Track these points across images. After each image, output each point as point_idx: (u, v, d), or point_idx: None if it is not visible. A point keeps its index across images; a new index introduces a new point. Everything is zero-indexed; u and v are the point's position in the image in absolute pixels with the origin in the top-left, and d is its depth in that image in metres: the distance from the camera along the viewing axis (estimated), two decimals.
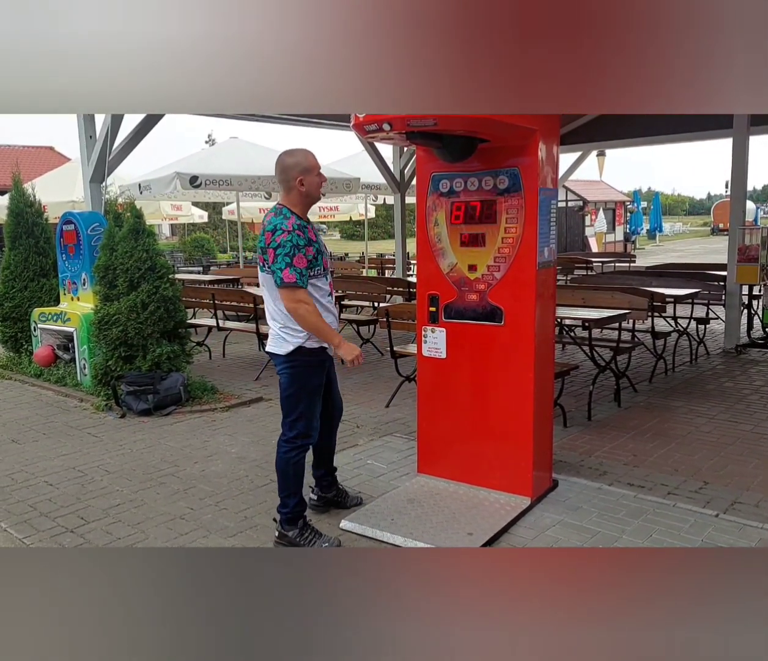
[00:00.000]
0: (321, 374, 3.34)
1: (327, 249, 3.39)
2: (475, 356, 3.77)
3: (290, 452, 3.29)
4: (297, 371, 3.25)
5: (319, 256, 3.19)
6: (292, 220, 3.11)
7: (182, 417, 5.67)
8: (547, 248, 3.63)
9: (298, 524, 3.33)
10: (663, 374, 6.78)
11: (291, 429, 3.30)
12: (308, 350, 3.23)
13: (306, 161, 3.18)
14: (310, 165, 3.18)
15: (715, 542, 3.33)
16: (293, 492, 3.32)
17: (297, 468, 3.31)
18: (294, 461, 3.30)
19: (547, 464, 3.94)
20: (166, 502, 3.98)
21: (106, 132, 6.84)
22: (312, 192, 3.21)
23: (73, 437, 5.21)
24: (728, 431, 4.98)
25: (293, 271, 3.05)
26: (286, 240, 3.04)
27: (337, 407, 3.67)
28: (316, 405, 3.34)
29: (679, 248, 31.34)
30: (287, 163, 3.18)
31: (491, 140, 3.44)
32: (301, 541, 3.31)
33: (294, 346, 3.20)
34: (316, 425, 3.36)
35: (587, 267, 12.79)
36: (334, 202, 16.49)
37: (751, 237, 7.75)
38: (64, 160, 22.29)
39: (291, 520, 3.34)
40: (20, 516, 3.83)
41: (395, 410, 5.72)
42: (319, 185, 3.24)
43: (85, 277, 6.71)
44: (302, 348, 3.21)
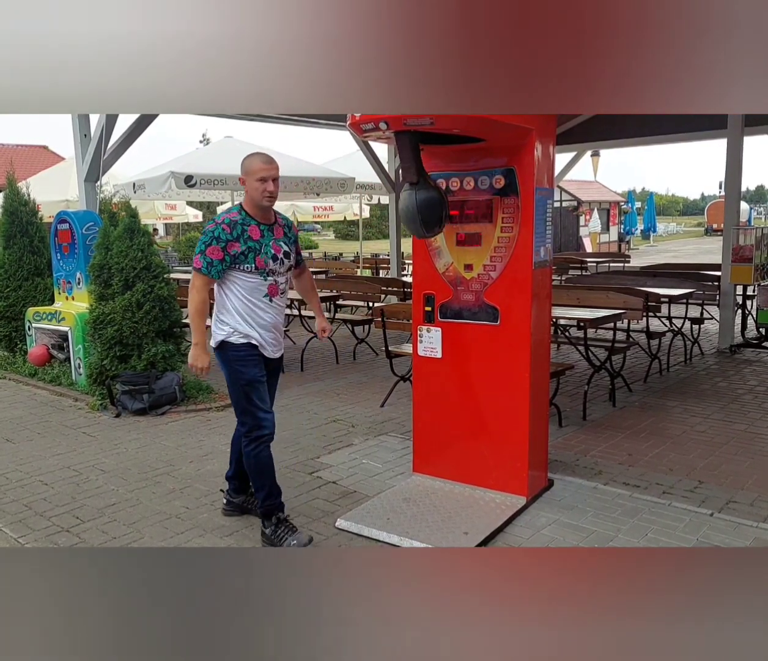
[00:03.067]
0: (253, 367, 3.27)
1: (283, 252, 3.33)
2: (471, 355, 3.78)
3: (248, 447, 3.31)
4: (228, 365, 3.29)
5: (250, 254, 3.18)
6: (231, 215, 3.22)
7: (177, 417, 5.66)
8: (543, 248, 3.64)
9: (272, 520, 3.34)
10: (658, 374, 6.81)
11: (242, 424, 3.34)
12: (233, 345, 3.25)
13: (250, 165, 3.21)
14: (252, 169, 3.19)
15: (710, 540, 3.34)
16: (259, 486, 3.34)
17: (258, 462, 3.30)
18: (253, 455, 3.29)
19: (543, 463, 3.95)
20: (162, 501, 3.97)
21: (101, 131, 6.82)
22: (252, 194, 3.22)
23: (68, 437, 5.19)
24: (723, 430, 5.00)
25: (202, 258, 3.18)
26: (210, 230, 3.19)
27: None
28: (255, 397, 3.28)
29: (673, 248, 31.44)
30: (241, 163, 3.28)
31: (487, 140, 3.45)
32: (273, 538, 3.32)
33: (220, 338, 3.27)
34: (264, 416, 3.30)
35: (582, 267, 12.82)
36: (329, 202, 16.47)
37: (745, 237, 7.78)
38: (59, 159, 22.20)
39: (264, 514, 3.37)
40: (15, 515, 3.81)
41: (390, 409, 5.73)
42: (261, 192, 3.18)
43: (80, 277, 6.69)
44: (225, 343, 3.26)
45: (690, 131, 8.81)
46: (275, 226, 3.35)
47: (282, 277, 3.36)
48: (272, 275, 3.28)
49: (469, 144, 3.49)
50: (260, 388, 3.31)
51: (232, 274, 3.24)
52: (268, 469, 3.35)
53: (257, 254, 3.22)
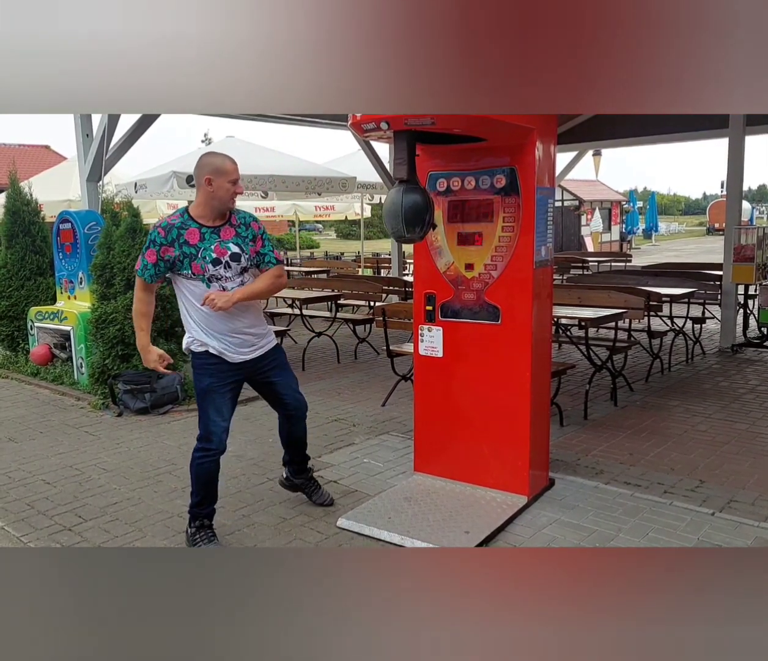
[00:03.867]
0: (209, 376, 3.20)
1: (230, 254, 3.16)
2: (472, 354, 3.78)
3: (195, 452, 3.27)
4: (193, 371, 3.28)
5: (186, 259, 3.09)
6: (170, 218, 3.16)
7: (179, 416, 5.67)
8: (544, 247, 3.64)
9: (196, 523, 3.32)
10: (659, 374, 6.80)
11: (199, 429, 3.29)
12: (193, 353, 3.24)
13: (222, 165, 3.13)
14: (225, 169, 3.12)
15: (711, 540, 3.34)
16: (194, 491, 3.30)
17: (200, 471, 3.26)
18: (197, 463, 3.25)
19: (544, 462, 3.95)
20: (164, 500, 3.98)
21: (103, 131, 6.82)
22: (221, 195, 3.12)
23: (70, 436, 5.20)
24: (724, 429, 5.00)
25: (141, 260, 3.16)
26: (150, 233, 3.16)
27: (290, 407, 3.51)
28: (210, 407, 3.20)
29: (675, 248, 31.41)
30: (201, 161, 3.20)
31: (488, 139, 3.45)
32: (190, 539, 3.32)
33: (184, 346, 3.27)
34: (214, 429, 3.20)
35: (583, 266, 12.81)
36: (330, 201, 16.46)
37: (746, 237, 7.77)
38: (61, 158, 22.23)
39: (191, 515, 3.35)
40: (18, 514, 3.83)
41: (391, 408, 5.73)
42: (230, 193, 3.12)
43: (82, 276, 6.70)
44: (189, 350, 3.25)
45: (692, 130, 8.79)
46: (224, 226, 3.18)
47: (232, 282, 3.15)
48: (216, 281, 3.12)
49: (470, 144, 3.49)
50: (216, 398, 3.21)
51: (179, 281, 3.19)
52: (207, 480, 3.28)
53: (193, 260, 3.10)
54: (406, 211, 3.18)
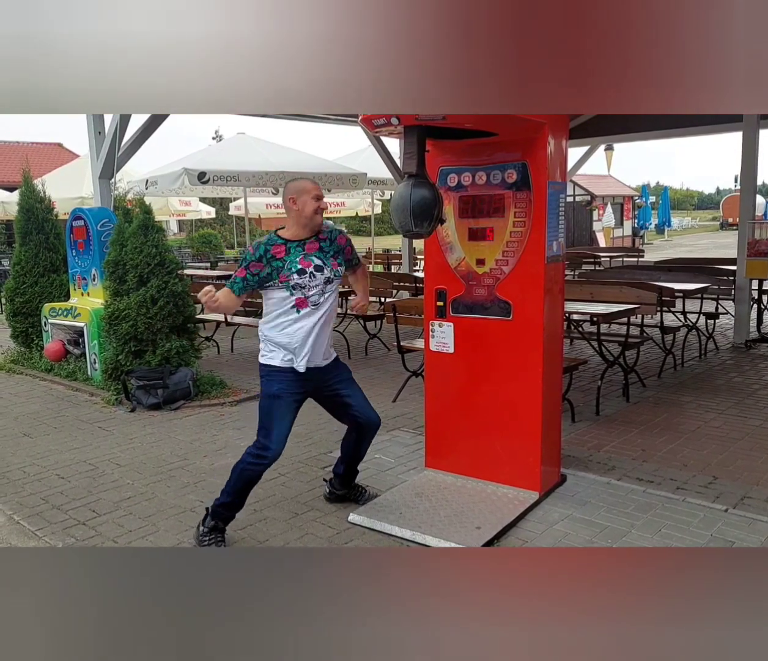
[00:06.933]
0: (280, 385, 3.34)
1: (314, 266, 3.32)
2: (483, 350, 3.78)
3: (248, 456, 3.33)
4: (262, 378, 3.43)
5: (274, 272, 3.28)
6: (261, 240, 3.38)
7: (191, 411, 5.70)
8: (555, 242, 3.63)
9: (212, 522, 3.34)
10: (672, 369, 6.76)
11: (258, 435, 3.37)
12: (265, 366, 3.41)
13: (302, 184, 3.35)
14: (306, 187, 3.32)
15: (724, 536, 3.32)
16: (229, 491, 3.34)
17: (244, 473, 3.32)
18: (247, 466, 3.31)
19: (556, 458, 3.94)
20: (177, 495, 4.01)
21: (115, 128, 6.86)
22: (306, 211, 3.29)
23: (84, 431, 5.25)
24: (737, 426, 4.96)
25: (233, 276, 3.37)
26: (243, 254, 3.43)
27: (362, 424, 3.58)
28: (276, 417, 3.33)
29: (688, 243, 31.17)
30: (285, 189, 3.42)
31: (500, 134, 3.44)
32: (200, 537, 3.35)
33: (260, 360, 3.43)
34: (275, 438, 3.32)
35: (595, 262, 12.75)
36: (341, 197, 16.47)
37: (760, 231, 7.70)
38: (73, 156, 22.38)
39: (212, 513, 3.36)
40: (33, 509, 3.87)
41: (402, 404, 5.73)
42: (314, 207, 3.29)
43: (95, 273, 6.75)
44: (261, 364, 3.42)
45: (705, 125, 8.72)
46: (309, 241, 3.36)
47: (313, 291, 3.33)
48: (300, 289, 3.30)
49: (482, 138, 3.48)
50: (283, 406, 3.34)
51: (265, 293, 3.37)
52: (247, 485, 3.35)
53: (280, 272, 3.29)
54: (415, 205, 3.18)
